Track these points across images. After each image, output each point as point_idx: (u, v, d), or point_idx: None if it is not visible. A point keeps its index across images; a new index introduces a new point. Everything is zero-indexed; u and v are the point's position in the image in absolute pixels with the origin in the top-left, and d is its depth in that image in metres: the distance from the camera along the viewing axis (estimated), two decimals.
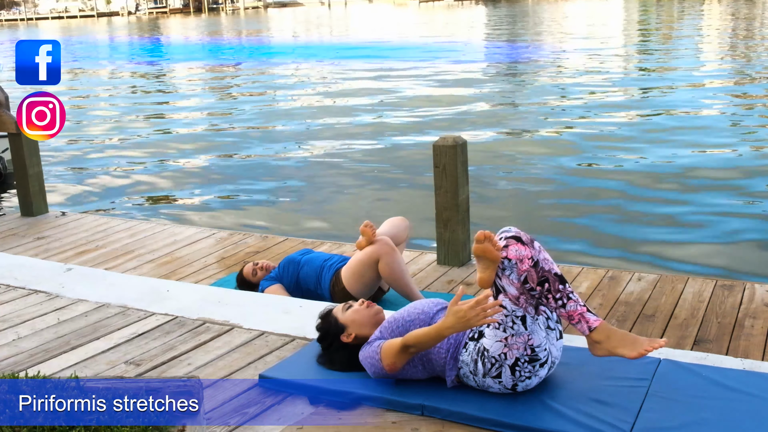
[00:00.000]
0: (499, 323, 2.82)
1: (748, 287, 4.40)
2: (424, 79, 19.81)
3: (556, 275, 2.81)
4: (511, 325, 2.80)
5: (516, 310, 2.80)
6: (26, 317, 4.13)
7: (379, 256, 4.28)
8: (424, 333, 2.88)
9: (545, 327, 2.89)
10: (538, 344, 2.82)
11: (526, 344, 2.81)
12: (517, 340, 2.81)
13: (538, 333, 2.82)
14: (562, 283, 2.81)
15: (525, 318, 2.80)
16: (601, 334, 2.79)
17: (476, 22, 48.74)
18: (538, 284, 2.79)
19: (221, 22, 73.63)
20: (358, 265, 4.34)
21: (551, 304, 2.80)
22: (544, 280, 2.79)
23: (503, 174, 9.70)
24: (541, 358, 2.84)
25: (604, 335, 2.79)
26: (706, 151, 10.34)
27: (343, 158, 11.24)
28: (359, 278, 4.33)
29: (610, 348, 2.79)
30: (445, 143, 5.01)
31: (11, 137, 6.75)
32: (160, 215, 8.78)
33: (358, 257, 4.36)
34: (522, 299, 2.79)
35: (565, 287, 2.80)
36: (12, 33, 69.02)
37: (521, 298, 2.79)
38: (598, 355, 2.83)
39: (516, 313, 2.80)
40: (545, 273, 2.80)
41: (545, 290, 2.79)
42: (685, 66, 20.11)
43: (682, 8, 53.27)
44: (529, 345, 2.82)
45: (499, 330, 2.83)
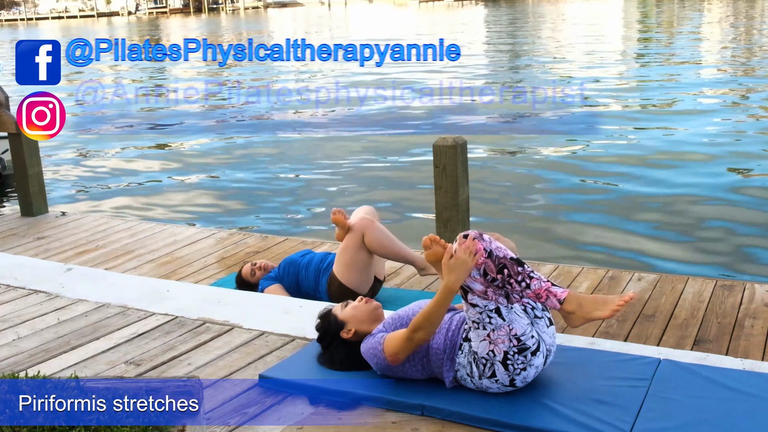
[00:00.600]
0: (476, 322, 2.84)
1: (748, 287, 4.40)
2: (424, 80, 19.82)
3: (512, 259, 2.85)
4: (488, 321, 2.82)
5: (488, 304, 2.82)
6: (26, 317, 4.13)
7: (363, 233, 4.27)
8: (430, 305, 2.87)
9: (532, 317, 2.90)
10: (522, 332, 2.83)
11: (509, 335, 2.82)
12: (499, 333, 2.82)
13: (518, 321, 2.83)
14: (519, 265, 2.84)
15: (499, 310, 2.82)
16: (572, 303, 2.83)
17: (476, 22, 48.74)
18: (497, 272, 2.81)
19: (221, 22, 73.64)
20: (346, 253, 4.31)
21: (516, 288, 2.82)
22: (502, 267, 2.82)
23: (503, 174, 9.70)
24: (529, 345, 2.84)
25: (576, 304, 2.83)
26: (706, 152, 10.34)
27: (344, 158, 11.24)
28: (352, 266, 4.30)
29: (585, 314, 2.82)
30: (445, 143, 5.01)
31: (11, 137, 6.75)
32: (160, 215, 8.78)
33: (343, 246, 4.34)
34: (490, 292, 2.82)
35: (524, 268, 2.84)
36: (12, 33, 69.01)
37: (488, 292, 2.82)
38: (575, 326, 2.87)
39: (489, 307, 2.82)
40: (501, 260, 2.83)
41: (506, 276, 2.82)
42: (685, 66, 20.10)
43: (683, 8, 53.26)
44: (513, 335, 2.82)
45: (480, 329, 2.84)
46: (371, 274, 4.41)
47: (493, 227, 7.59)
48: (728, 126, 12.05)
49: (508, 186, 9.16)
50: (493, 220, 7.81)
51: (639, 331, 3.94)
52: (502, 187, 9.13)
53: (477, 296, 2.82)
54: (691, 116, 12.98)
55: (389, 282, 4.83)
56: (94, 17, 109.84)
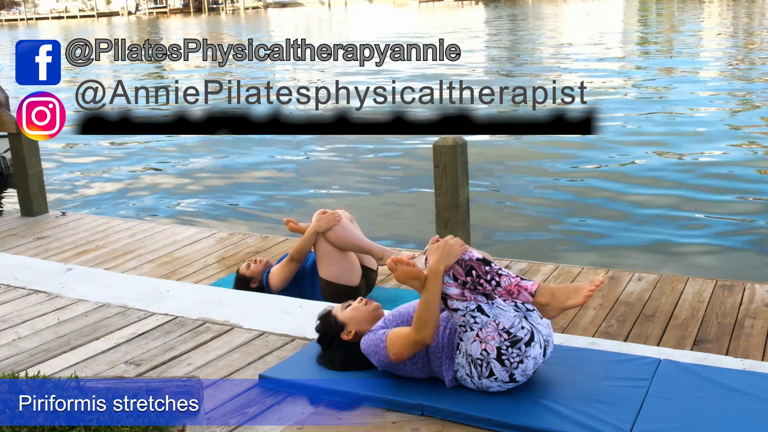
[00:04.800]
0: (463, 326, 2.85)
1: (748, 287, 4.40)
2: (424, 79, 19.82)
3: (478, 260, 2.86)
4: (474, 321, 2.83)
5: (468, 305, 2.83)
6: (26, 317, 4.13)
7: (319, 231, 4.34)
8: (422, 294, 2.89)
9: (524, 311, 2.91)
10: (510, 324, 2.83)
11: (498, 330, 2.82)
12: (488, 330, 2.82)
13: (503, 315, 2.84)
14: (486, 264, 2.86)
15: (480, 307, 2.83)
16: (545, 295, 2.84)
17: (477, 22, 48.75)
18: (466, 275, 2.83)
19: (221, 22, 73.64)
20: (318, 253, 4.38)
21: (487, 288, 2.83)
22: (469, 269, 2.84)
23: (503, 174, 9.70)
24: (521, 337, 2.84)
25: (548, 295, 2.84)
26: (706, 152, 10.34)
27: (343, 158, 11.24)
28: (329, 261, 4.35)
29: (559, 304, 2.84)
30: (445, 143, 5.01)
31: (11, 137, 6.75)
32: (160, 215, 8.78)
33: (314, 248, 4.40)
34: (467, 293, 2.83)
35: (492, 267, 2.85)
36: (12, 33, 69.01)
37: (465, 293, 2.83)
38: (552, 317, 2.88)
39: (470, 307, 2.83)
40: (468, 262, 2.85)
41: (475, 277, 2.83)
42: (686, 66, 20.10)
43: (683, 8, 53.26)
44: (502, 330, 2.82)
45: (468, 331, 2.85)
46: (354, 264, 4.42)
47: (494, 227, 7.60)
48: (728, 126, 12.06)
49: (508, 186, 9.16)
50: (493, 220, 7.81)
51: (639, 331, 3.94)
52: (502, 187, 9.13)
53: (456, 300, 2.84)
54: (691, 115, 12.98)
55: (389, 282, 4.83)
56: (94, 17, 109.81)
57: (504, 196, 8.73)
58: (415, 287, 2.92)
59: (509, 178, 9.52)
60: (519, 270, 4.86)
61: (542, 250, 6.82)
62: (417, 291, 2.92)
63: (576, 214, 7.88)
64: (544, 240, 7.18)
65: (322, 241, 4.36)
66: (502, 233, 7.46)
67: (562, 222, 7.68)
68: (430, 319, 2.87)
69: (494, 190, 8.96)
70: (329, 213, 4.39)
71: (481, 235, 7.03)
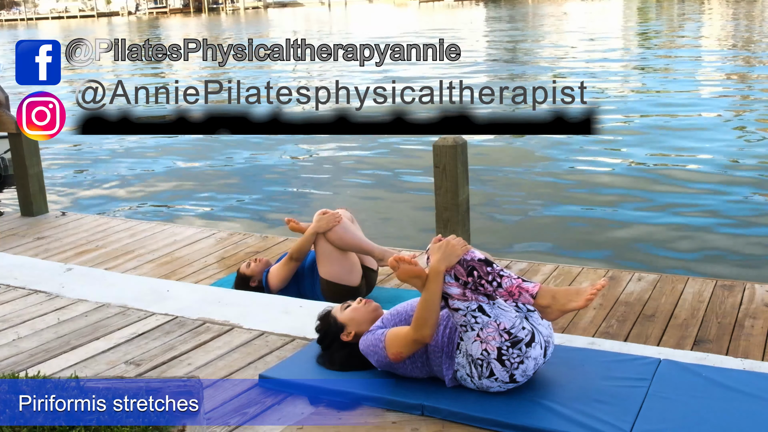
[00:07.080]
0: (464, 325, 2.85)
1: (748, 287, 4.40)
2: (424, 79, 19.82)
3: (480, 260, 2.86)
4: (474, 321, 2.83)
5: (469, 305, 2.83)
6: (26, 317, 4.13)
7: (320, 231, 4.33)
8: (423, 293, 2.88)
9: (525, 311, 2.91)
10: (511, 325, 2.83)
11: (498, 330, 2.82)
12: (488, 330, 2.82)
13: (504, 315, 2.83)
14: (488, 265, 2.85)
15: (482, 307, 2.83)
16: (546, 297, 2.84)
17: (477, 22, 48.74)
18: (468, 275, 2.83)
19: (221, 22, 73.65)
20: (319, 252, 4.37)
21: (489, 289, 2.83)
22: (471, 269, 2.83)
23: (503, 174, 9.70)
24: (522, 337, 2.84)
25: (549, 297, 2.83)
26: (706, 153, 10.34)
27: (344, 158, 11.24)
28: (330, 261, 4.34)
29: (560, 307, 2.83)
30: (445, 143, 5.01)
31: (11, 137, 6.75)
32: (160, 215, 8.78)
33: (314, 248, 4.40)
34: (468, 293, 2.83)
35: (493, 268, 2.85)
36: (12, 33, 69.01)
37: (466, 293, 2.83)
38: (552, 319, 2.88)
39: (471, 307, 2.83)
40: (470, 263, 2.85)
41: (477, 278, 2.83)
42: (686, 66, 20.10)
43: (683, 8, 53.27)
44: (502, 330, 2.82)
45: (469, 331, 2.85)
46: (355, 264, 4.42)
47: (494, 227, 7.60)
48: (728, 125, 12.06)
49: (508, 186, 9.16)
50: (493, 220, 7.81)
51: (639, 331, 3.94)
52: (502, 187, 9.13)
53: (457, 300, 2.84)
54: (691, 116, 12.98)
55: (389, 282, 4.83)
56: (94, 17, 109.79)
57: (504, 196, 8.73)
58: (417, 286, 2.92)
59: (509, 178, 9.52)
60: (519, 270, 4.86)
61: (542, 250, 6.82)
62: (418, 290, 2.92)
63: (576, 214, 7.88)
64: (544, 240, 7.18)
65: (323, 241, 4.36)
66: (501, 233, 7.46)
67: (562, 222, 7.68)
68: (430, 318, 2.87)
69: (494, 190, 8.96)
70: (330, 213, 4.38)
71: (481, 235, 7.03)
